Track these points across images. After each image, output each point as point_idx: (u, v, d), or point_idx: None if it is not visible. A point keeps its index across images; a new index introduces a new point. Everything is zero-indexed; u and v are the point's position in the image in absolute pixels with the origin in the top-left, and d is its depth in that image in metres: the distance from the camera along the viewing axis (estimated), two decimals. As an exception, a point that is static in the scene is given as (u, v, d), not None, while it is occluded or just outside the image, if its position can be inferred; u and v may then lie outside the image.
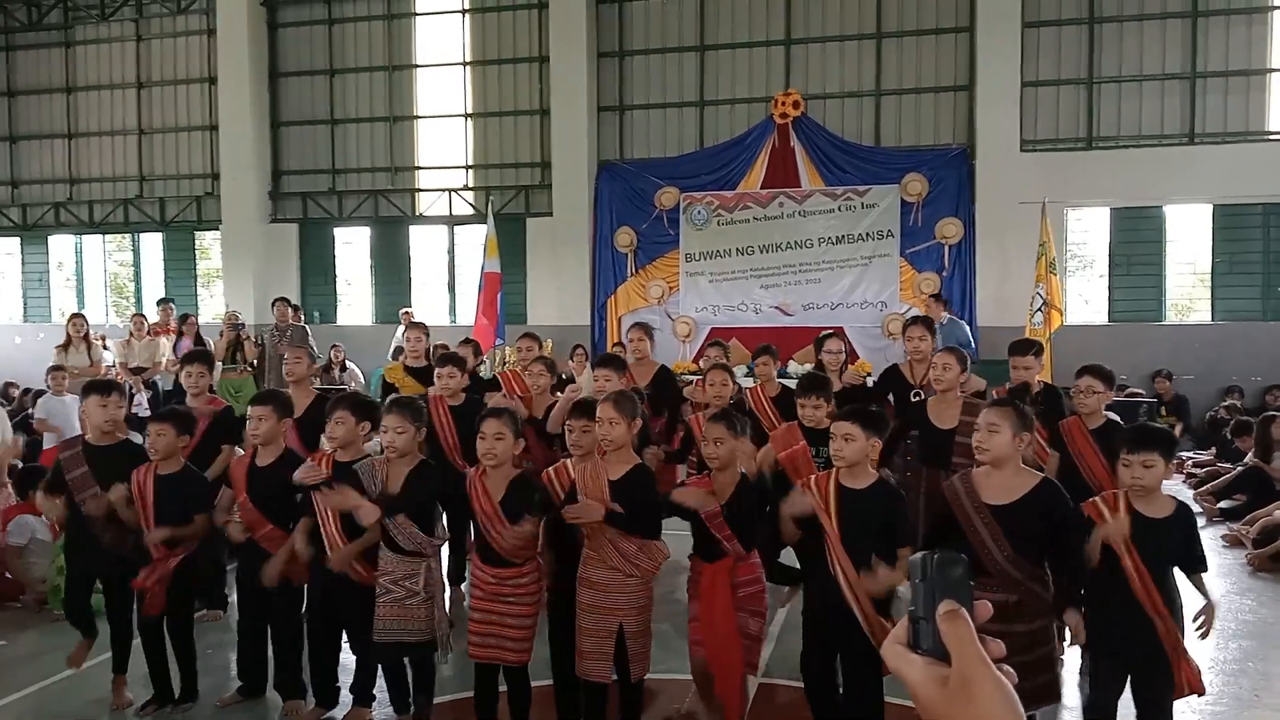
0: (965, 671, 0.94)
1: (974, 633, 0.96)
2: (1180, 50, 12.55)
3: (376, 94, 15.25)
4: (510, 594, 4.10)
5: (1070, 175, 12.54)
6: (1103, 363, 5.42)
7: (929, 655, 0.97)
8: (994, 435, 3.72)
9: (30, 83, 16.81)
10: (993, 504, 3.71)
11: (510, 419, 4.19)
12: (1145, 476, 3.63)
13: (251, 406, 4.85)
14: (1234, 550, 7.69)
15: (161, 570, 4.69)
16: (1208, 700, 4.77)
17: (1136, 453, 3.63)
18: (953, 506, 3.81)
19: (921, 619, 0.99)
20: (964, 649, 0.95)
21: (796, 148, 13.53)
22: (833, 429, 3.93)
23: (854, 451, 3.84)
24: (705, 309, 13.84)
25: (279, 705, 4.85)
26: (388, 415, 4.33)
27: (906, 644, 1.00)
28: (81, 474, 4.81)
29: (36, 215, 16.75)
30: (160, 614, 4.79)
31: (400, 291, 15.22)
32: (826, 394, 5.40)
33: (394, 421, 4.29)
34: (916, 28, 13.37)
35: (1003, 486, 3.73)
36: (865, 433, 3.83)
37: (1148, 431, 3.78)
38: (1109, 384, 5.18)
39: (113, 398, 4.91)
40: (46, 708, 4.91)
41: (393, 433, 4.27)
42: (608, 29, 14.31)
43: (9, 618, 6.38)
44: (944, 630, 0.96)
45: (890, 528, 3.82)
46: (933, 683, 0.96)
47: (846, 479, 3.87)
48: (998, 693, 0.93)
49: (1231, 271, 12.63)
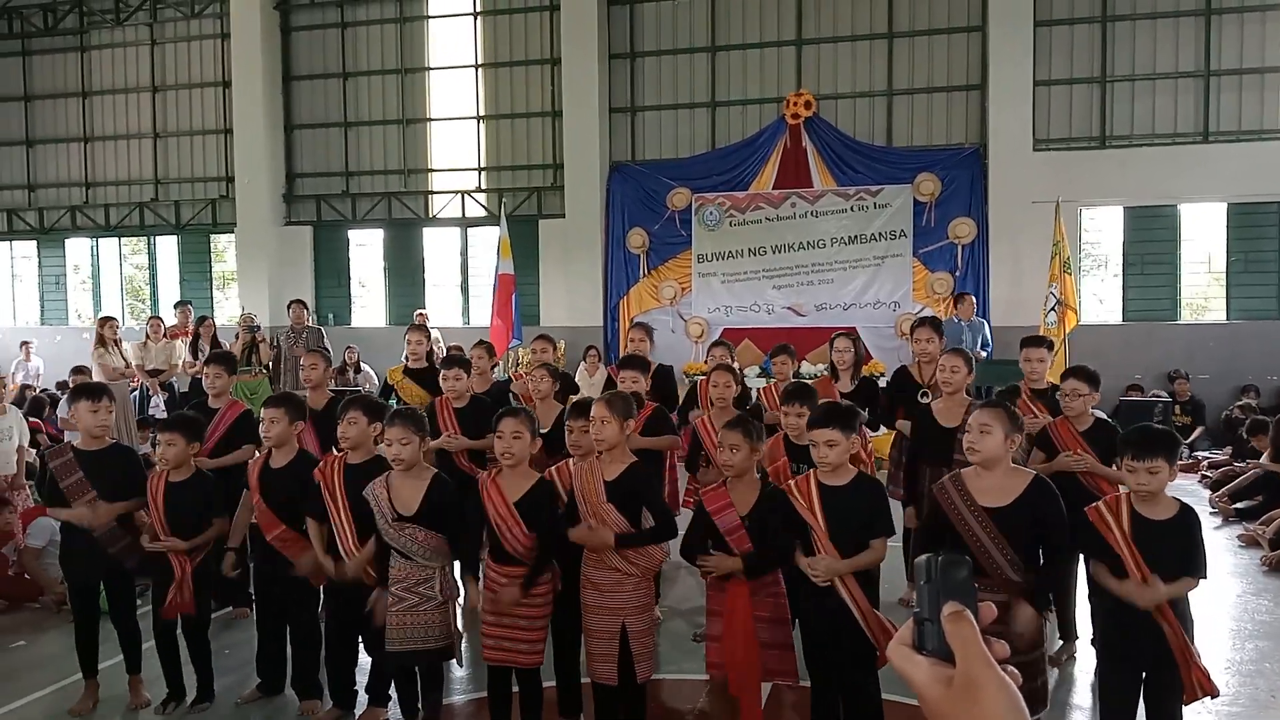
0: (970, 672, 0.95)
1: (979, 634, 0.97)
2: (1194, 48, 12.49)
3: (389, 97, 15.31)
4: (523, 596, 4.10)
5: (1083, 174, 12.49)
6: (1116, 362, 5.46)
7: (934, 656, 0.99)
8: (986, 436, 3.72)
9: (46, 87, 16.94)
10: (989, 506, 3.70)
11: (528, 418, 4.19)
12: (1151, 483, 3.60)
13: (264, 409, 4.87)
14: (1250, 550, 7.66)
15: (183, 580, 4.72)
16: (1224, 701, 4.76)
17: (1142, 459, 3.60)
18: (945, 509, 3.80)
19: (926, 620, 1.00)
20: (969, 650, 0.96)
21: (808, 148, 13.52)
22: (813, 436, 3.88)
23: (839, 455, 3.84)
24: (717, 310, 13.83)
25: (297, 704, 4.90)
26: (390, 428, 4.25)
27: (912, 645, 1.01)
28: (76, 481, 4.78)
29: (53, 219, 16.88)
30: (177, 616, 4.82)
31: (414, 293, 15.28)
32: (811, 402, 5.27)
33: (397, 433, 4.21)
34: (928, 27, 13.34)
35: (996, 488, 3.73)
36: (845, 434, 3.83)
37: (1153, 436, 3.70)
38: (1094, 386, 5.24)
39: (103, 402, 4.88)
40: (65, 708, 4.95)
41: (397, 445, 4.20)
42: (619, 30, 14.33)
43: (28, 619, 6.44)
44: (949, 631, 0.97)
45: (871, 520, 3.84)
46: (938, 683, 0.97)
47: (827, 478, 3.87)
48: (1002, 693, 0.94)
49: (1246, 270, 12.56)
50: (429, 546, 4.15)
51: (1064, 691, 5.06)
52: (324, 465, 4.61)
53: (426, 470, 4.30)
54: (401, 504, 4.16)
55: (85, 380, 9.18)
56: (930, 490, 4.07)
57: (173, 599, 4.71)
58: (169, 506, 4.74)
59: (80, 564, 4.88)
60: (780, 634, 4.08)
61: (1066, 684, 5.17)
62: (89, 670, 4.95)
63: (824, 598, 3.83)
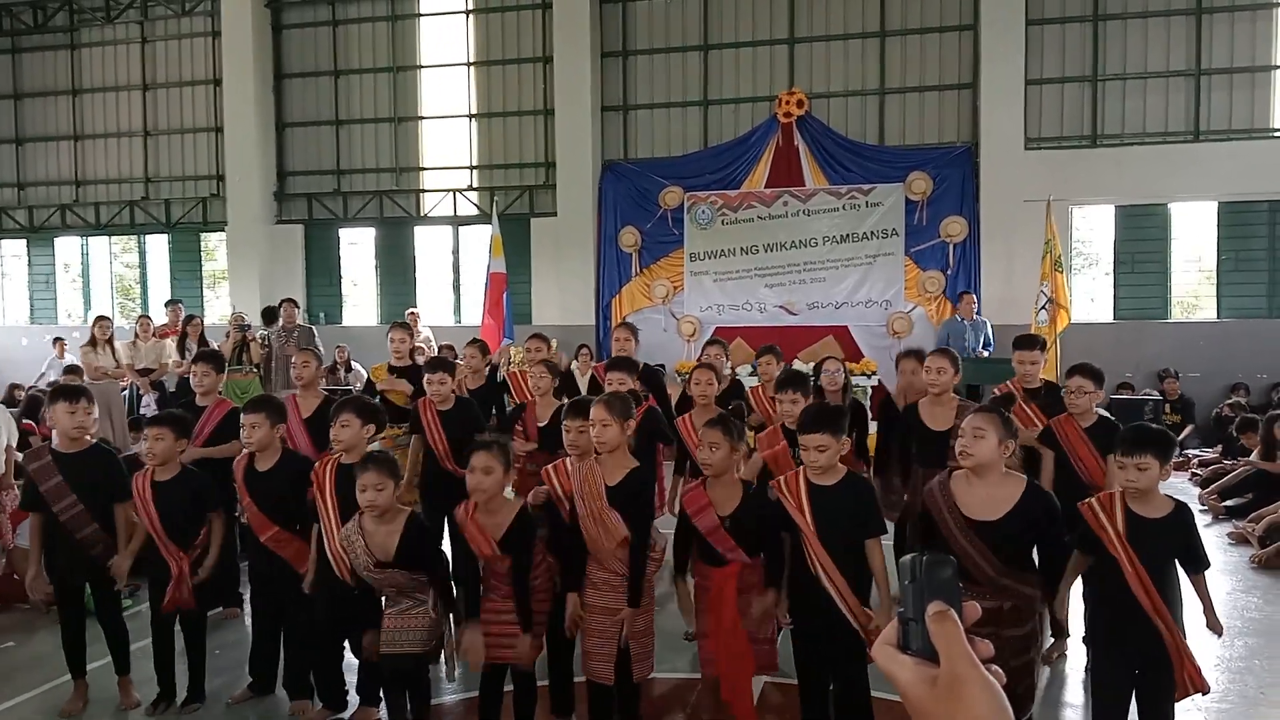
0: (954, 671, 0.95)
1: (962, 633, 0.97)
2: (1185, 47, 12.52)
3: (381, 95, 15.27)
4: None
5: (1075, 173, 12.52)
6: (1108, 360, 5.46)
7: (918, 656, 0.98)
8: (980, 440, 3.70)
9: (36, 85, 16.86)
10: (978, 520, 3.69)
11: (500, 451, 4.08)
12: (1139, 479, 3.61)
13: (244, 414, 4.81)
14: (1240, 548, 7.69)
15: (181, 576, 4.70)
16: (1214, 698, 4.78)
17: (1131, 455, 3.61)
18: (934, 518, 3.80)
19: (911, 620, 0.99)
20: (952, 649, 0.95)
21: (800, 147, 13.52)
22: (803, 441, 3.87)
23: (829, 459, 3.84)
24: (710, 308, 13.83)
25: (288, 704, 4.89)
26: (364, 473, 4.05)
27: (896, 645, 1.01)
28: (55, 484, 4.73)
29: (43, 217, 16.80)
30: (175, 612, 4.80)
31: (405, 292, 15.24)
32: (804, 389, 5.36)
33: (372, 479, 4.02)
34: (920, 26, 13.35)
35: (988, 499, 3.71)
36: (835, 439, 3.84)
37: (1144, 433, 3.71)
38: (1099, 383, 5.22)
39: (80, 404, 4.83)
40: (54, 709, 4.93)
41: (372, 490, 4.02)
42: (611, 29, 14.31)
43: (17, 620, 6.42)
44: (933, 631, 0.97)
45: (862, 519, 3.84)
46: (922, 683, 0.96)
47: (816, 478, 3.87)
48: (985, 693, 0.94)
49: (1237, 269, 12.60)
50: (416, 582, 4.15)
51: (1055, 689, 5.07)
52: (319, 465, 4.61)
53: (401, 513, 4.19)
54: (379, 549, 4.09)
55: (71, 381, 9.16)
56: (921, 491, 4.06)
57: (173, 594, 4.70)
58: (159, 506, 4.71)
59: (63, 564, 4.83)
60: (765, 629, 4.12)
61: (1058, 681, 5.17)
62: (77, 670, 4.93)
63: (813, 594, 3.83)
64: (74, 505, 4.73)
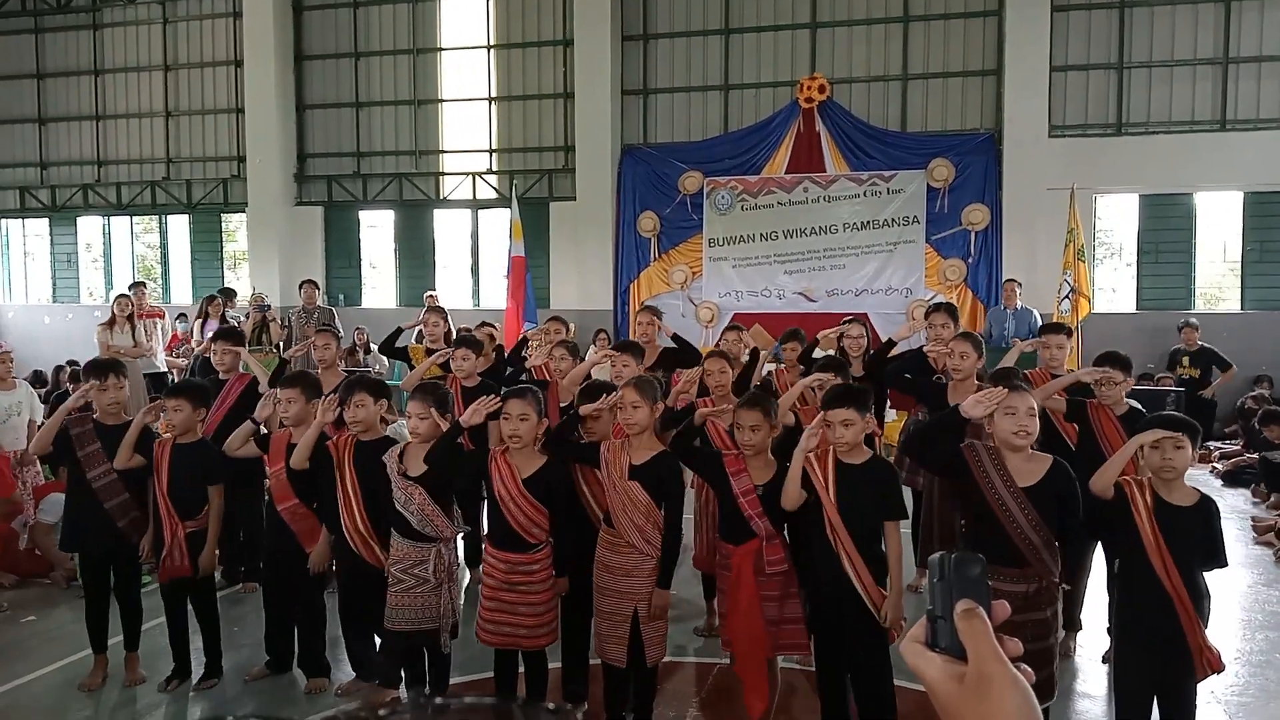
0: (982, 669, 0.94)
1: (991, 631, 0.97)
2: (1212, 34, 12.35)
3: (401, 77, 15.26)
4: (522, 582, 4.11)
5: (1099, 161, 12.39)
6: (1129, 352, 5.40)
7: (946, 653, 0.98)
8: (1034, 419, 3.75)
9: (58, 65, 16.93)
10: (1025, 486, 3.71)
11: (534, 399, 4.20)
12: (1176, 458, 3.63)
13: (280, 389, 4.92)
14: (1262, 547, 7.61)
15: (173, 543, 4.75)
16: (1234, 691, 4.76)
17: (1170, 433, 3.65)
18: (980, 484, 3.74)
19: (939, 618, 0.99)
20: (981, 647, 0.95)
21: (822, 132, 13.44)
22: (829, 416, 3.91)
23: (855, 434, 3.88)
24: (728, 294, 13.79)
25: (304, 682, 4.94)
26: (411, 401, 4.34)
27: (924, 642, 1.01)
28: (94, 450, 4.86)
29: (65, 197, 16.91)
30: (182, 582, 4.83)
31: (424, 275, 15.27)
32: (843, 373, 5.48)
33: (417, 407, 4.29)
34: (944, 11, 13.22)
35: (1025, 470, 3.75)
36: (861, 414, 3.88)
37: (1175, 417, 3.82)
38: (1128, 372, 5.20)
39: (110, 380, 4.94)
40: (74, 682, 4.99)
41: (416, 419, 4.28)
42: (632, 12, 14.24)
43: (39, 594, 6.49)
44: (961, 628, 0.97)
45: (884, 501, 3.87)
46: (950, 680, 0.96)
47: (845, 456, 3.91)
48: (1014, 690, 0.93)
49: (1262, 260, 12.45)
50: (425, 513, 4.20)
51: (1073, 679, 5.06)
52: (336, 438, 4.65)
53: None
54: (411, 466, 4.28)
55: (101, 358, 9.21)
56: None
57: (166, 562, 4.75)
58: (172, 469, 4.79)
59: (89, 533, 4.92)
60: (790, 609, 4.11)
61: (1075, 672, 5.16)
62: (99, 645, 4.99)
63: (833, 578, 3.83)
64: (108, 474, 4.82)
